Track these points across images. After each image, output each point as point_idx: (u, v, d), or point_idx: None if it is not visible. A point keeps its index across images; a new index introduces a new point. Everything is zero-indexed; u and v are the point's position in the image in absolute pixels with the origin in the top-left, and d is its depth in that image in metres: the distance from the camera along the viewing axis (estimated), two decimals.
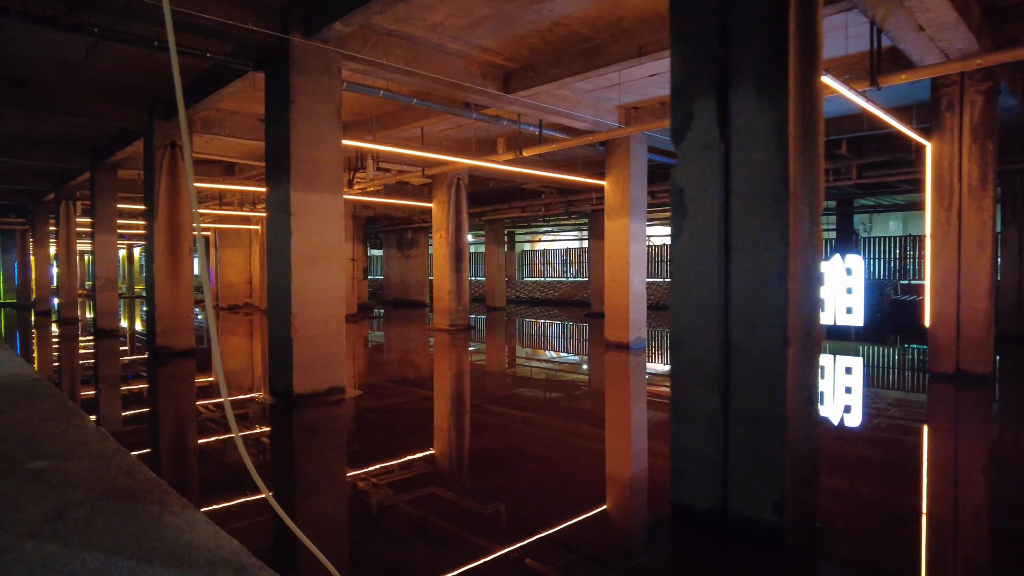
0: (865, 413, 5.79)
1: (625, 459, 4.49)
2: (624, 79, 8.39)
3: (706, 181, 3.05)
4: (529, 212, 17.94)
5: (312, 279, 6.04)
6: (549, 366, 9.20)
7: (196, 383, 7.56)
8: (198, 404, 6.33)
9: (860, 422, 5.41)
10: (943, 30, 5.67)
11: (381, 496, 3.55)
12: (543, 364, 9.37)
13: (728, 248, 2.98)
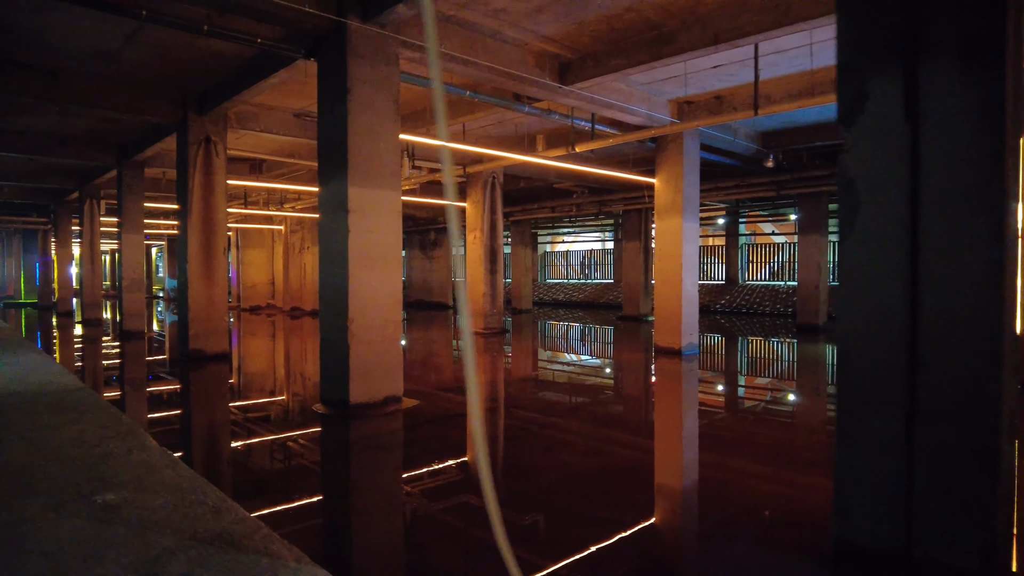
0: None
1: (753, 484, 4.03)
2: (684, 71, 7.94)
3: (886, 171, 2.60)
4: (559, 212, 17.50)
5: (370, 281, 5.63)
6: (604, 374, 8.76)
7: (240, 392, 7.17)
8: (250, 415, 5.93)
9: None
10: None
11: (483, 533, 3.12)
12: (597, 372, 8.93)
13: (916, 249, 2.53)
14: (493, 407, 6.03)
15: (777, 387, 7.64)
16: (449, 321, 16.90)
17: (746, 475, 4.10)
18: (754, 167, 12.50)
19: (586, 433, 5.20)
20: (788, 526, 3.26)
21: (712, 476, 4.13)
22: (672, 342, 9.47)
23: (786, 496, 3.72)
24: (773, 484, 3.92)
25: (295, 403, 6.41)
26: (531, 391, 7.18)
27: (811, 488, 3.85)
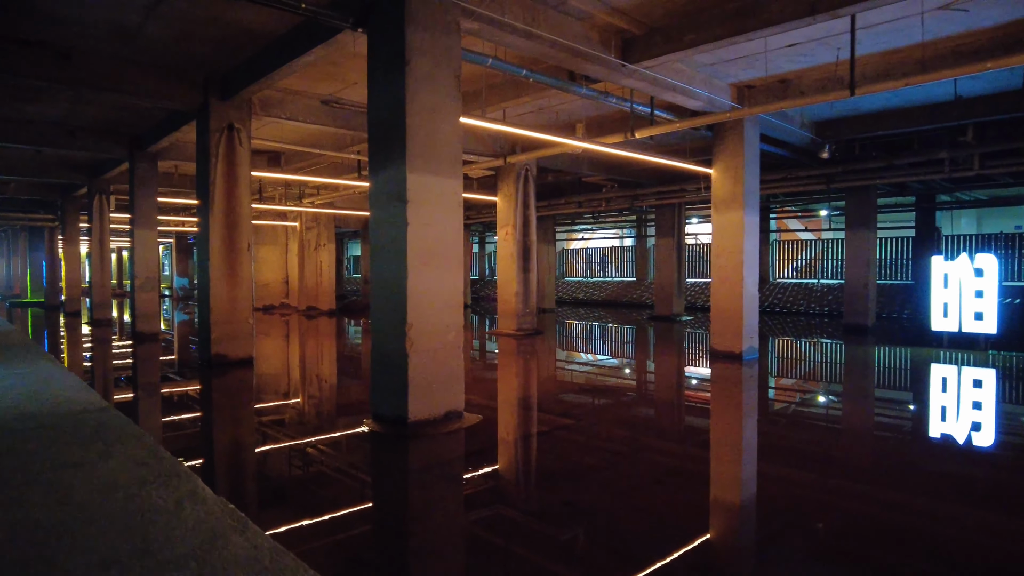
0: None
1: (943, 531, 3.31)
2: (755, 51, 7.22)
3: None
4: (587, 208, 16.77)
5: (430, 281, 4.93)
6: (669, 383, 8.06)
7: (275, 406, 6.49)
8: (294, 437, 5.24)
9: None
10: None
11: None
12: (662, 381, 8.22)
13: None
14: (567, 425, 5.32)
15: (880, 400, 6.93)
16: (470, 319, 16.22)
17: (925, 516, 3.39)
18: (804, 158, 11.76)
19: (693, 457, 4.50)
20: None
21: (900, 521, 3.42)
22: (732, 346, 8.75)
23: (990, 547, 3.01)
24: (968, 529, 3.21)
25: (340, 419, 5.71)
26: (599, 404, 6.47)
27: (1008, 534, 3.14)
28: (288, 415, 5.82)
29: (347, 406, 6.29)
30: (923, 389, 7.22)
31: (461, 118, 5.21)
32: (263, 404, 6.32)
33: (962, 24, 6.43)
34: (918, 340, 11.42)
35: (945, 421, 5.62)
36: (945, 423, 5.55)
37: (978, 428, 5.20)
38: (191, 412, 6.00)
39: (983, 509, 3.47)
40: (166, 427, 5.24)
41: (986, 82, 8.32)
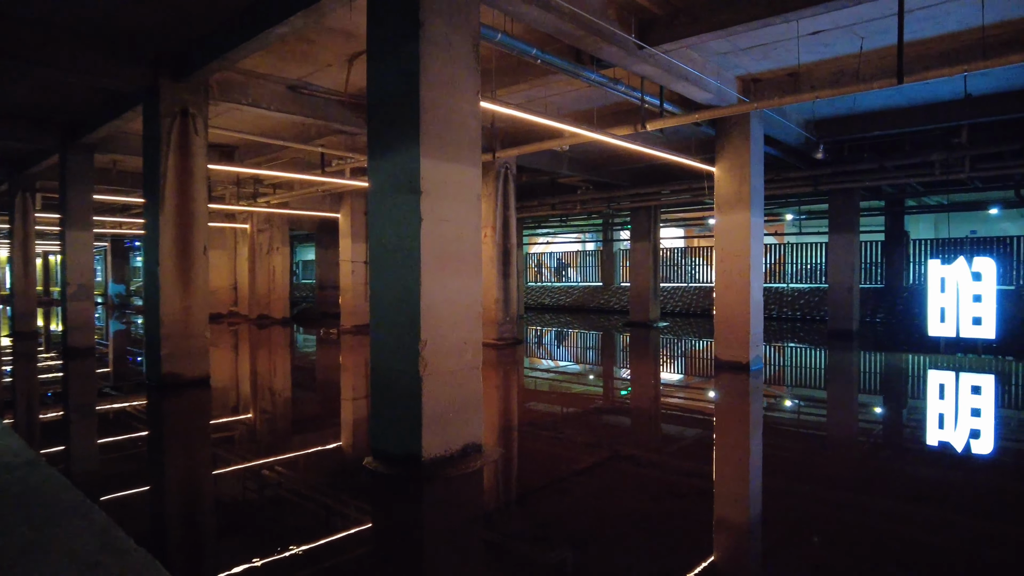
0: None
1: None
2: (777, 38, 6.66)
3: None
4: (560, 210, 16.12)
5: (447, 289, 4.09)
6: (681, 398, 7.40)
7: (247, 438, 5.50)
8: (280, 483, 4.29)
9: None
10: None
11: None
12: (682, 396, 7.56)
13: None
14: (608, 458, 4.55)
15: (902, 409, 6.43)
16: None
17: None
18: (794, 159, 11.40)
19: (733, 477, 3.81)
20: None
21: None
22: (738, 355, 8.17)
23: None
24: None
25: (333, 457, 4.79)
26: (627, 426, 5.74)
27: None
28: (266, 449, 4.86)
29: (341, 438, 5.35)
30: (950, 399, 6.77)
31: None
32: (233, 439, 5.32)
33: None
34: (914, 346, 11.17)
35: (991, 433, 5.13)
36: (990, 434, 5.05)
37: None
38: (148, 455, 4.96)
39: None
40: (119, 481, 4.21)
41: (995, 80, 8.03)
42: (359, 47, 6.79)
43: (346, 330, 14.33)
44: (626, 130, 7.40)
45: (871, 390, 7.91)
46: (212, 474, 4.33)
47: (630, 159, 12.91)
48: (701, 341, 12.67)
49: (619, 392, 7.56)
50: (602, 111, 9.38)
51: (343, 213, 15.28)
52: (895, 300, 16.13)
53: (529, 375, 8.59)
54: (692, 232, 27.65)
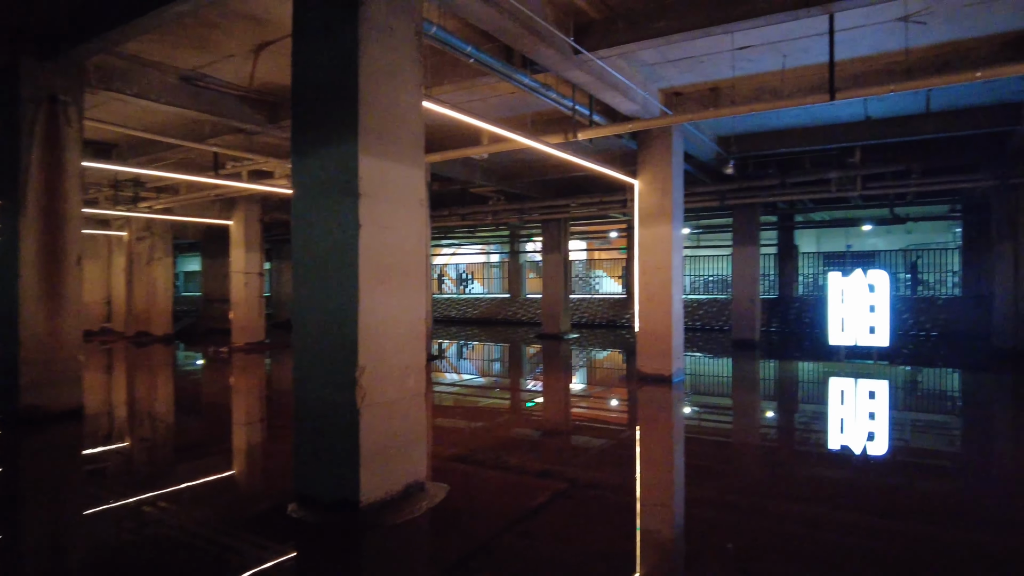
0: None
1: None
2: (707, 50, 6.67)
3: None
4: (471, 220, 15.75)
5: (389, 306, 3.59)
6: (620, 413, 7.19)
7: (133, 482, 4.66)
8: (183, 542, 3.57)
9: None
10: None
11: None
12: (614, 411, 7.33)
13: None
14: (564, 491, 4.18)
15: (838, 419, 6.54)
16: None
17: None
18: (703, 175, 11.71)
19: (698, 500, 3.58)
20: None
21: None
22: (661, 367, 8.12)
23: None
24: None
25: (246, 505, 4.10)
26: (578, 449, 5.40)
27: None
28: (162, 505, 4.09)
29: (251, 483, 4.65)
30: (867, 405, 7.01)
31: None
32: (112, 486, 4.48)
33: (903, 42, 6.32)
34: (815, 354, 11.71)
35: (907, 435, 5.29)
36: (907, 437, 5.20)
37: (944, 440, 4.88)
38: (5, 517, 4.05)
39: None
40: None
41: (890, 104, 8.54)
42: (269, 35, 6.10)
43: (238, 348, 13.16)
44: (558, 138, 7.16)
45: (798, 399, 8.07)
46: (84, 534, 3.55)
47: (543, 171, 12.79)
48: (617, 353, 12.71)
49: (553, 410, 7.25)
50: (523, 119, 9.13)
51: (235, 220, 14.09)
52: (788, 310, 17.05)
53: (455, 394, 8.12)
54: (593, 245, 28.24)
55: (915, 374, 9.71)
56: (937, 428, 6.29)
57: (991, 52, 6.29)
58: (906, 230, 20.62)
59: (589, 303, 20.39)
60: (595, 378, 9.92)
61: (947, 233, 20.99)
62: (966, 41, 6.29)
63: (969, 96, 8.14)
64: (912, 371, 9.90)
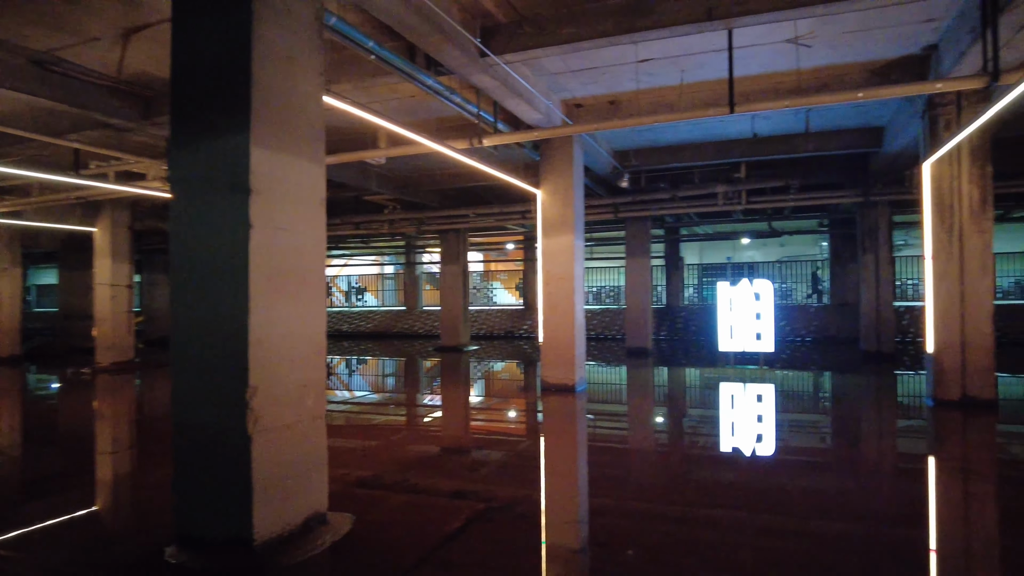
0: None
1: None
2: (611, 61, 6.73)
3: None
4: (365, 229, 15.15)
5: (284, 318, 3.20)
6: (528, 425, 7.01)
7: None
8: None
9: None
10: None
11: None
12: (516, 422, 7.13)
13: None
14: (482, 512, 3.92)
15: (729, 421, 6.70)
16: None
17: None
18: (599, 187, 11.93)
19: (616, 511, 3.47)
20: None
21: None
22: (565, 377, 8.09)
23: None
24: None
25: (116, 548, 3.51)
26: (489, 463, 5.14)
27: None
28: (9, 548, 3.42)
29: (122, 522, 4.02)
30: (761, 408, 7.29)
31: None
32: None
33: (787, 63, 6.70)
34: (706, 360, 12.17)
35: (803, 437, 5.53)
36: (803, 438, 5.44)
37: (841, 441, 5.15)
38: None
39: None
40: None
41: (774, 123, 9.07)
42: (141, 18, 5.47)
43: (103, 368, 11.81)
44: (463, 143, 6.94)
45: (697, 404, 8.26)
46: None
47: (443, 180, 12.56)
48: (520, 364, 12.63)
49: (461, 426, 6.98)
50: (425, 125, 8.85)
51: (101, 227, 12.68)
52: (675, 319, 17.78)
53: (355, 414, 7.64)
54: (490, 256, 28.26)
55: (797, 377, 10.33)
56: (817, 427, 6.66)
57: (863, 77, 6.80)
58: (780, 243, 22.21)
59: (487, 314, 20.28)
60: (501, 390, 9.75)
61: (815, 246, 22.82)
62: (843, 66, 6.76)
63: (842, 119, 8.81)
64: (794, 374, 10.53)
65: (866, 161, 10.87)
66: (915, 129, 7.50)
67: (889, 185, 10.81)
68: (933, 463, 5.07)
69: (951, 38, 5.83)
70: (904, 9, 5.44)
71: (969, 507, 4.04)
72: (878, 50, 6.43)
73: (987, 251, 6.64)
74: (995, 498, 4.20)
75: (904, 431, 6.46)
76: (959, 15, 5.55)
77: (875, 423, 6.96)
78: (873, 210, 11.46)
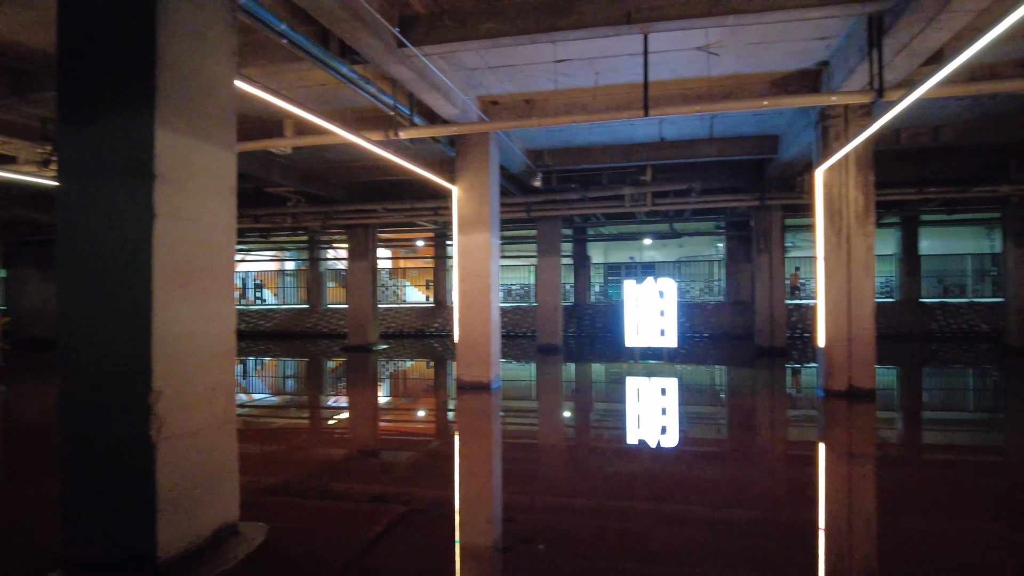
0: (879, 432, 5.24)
1: None
2: (522, 60, 6.75)
3: None
4: (267, 223, 14.42)
5: (192, 315, 2.96)
6: (446, 423, 6.89)
7: None
8: None
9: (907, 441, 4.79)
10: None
11: None
12: (434, 421, 6.98)
13: None
14: (404, 515, 3.79)
15: (641, 414, 6.90)
16: None
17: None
18: (513, 186, 11.98)
19: (549, 508, 3.50)
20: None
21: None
22: (480, 375, 8.06)
23: None
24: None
25: None
26: (392, 464, 4.98)
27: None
28: None
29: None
30: (666, 401, 7.57)
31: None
32: None
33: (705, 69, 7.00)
34: (615, 356, 12.51)
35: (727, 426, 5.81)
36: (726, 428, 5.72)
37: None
38: None
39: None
40: None
41: (679, 128, 9.45)
42: None
43: None
44: (378, 135, 6.73)
45: (608, 399, 8.44)
46: None
47: (351, 173, 12.18)
48: (433, 363, 12.47)
49: (377, 427, 6.77)
50: (333, 114, 8.51)
51: None
52: (583, 316, 18.20)
53: (258, 417, 7.23)
54: (398, 253, 27.77)
55: (698, 371, 10.83)
56: (719, 419, 7.00)
57: (765, 87, 7.20)
58: (679, 244, 23.24)
59: (397, 312, 19.92)
60: (415, 390, 9.57)
61: (711, 247, 24.06)
62: (748, 76, 7.13)
63: (743, 126, 9.31)
64: (695, 369, 11.03)
65: (762, 167, 11.56)
66: (808, 138, 8.03)
67: (783, 190, 11.56)
68: (824, 449, 5.45)
69: (841, 56, 6.29)
70: (802, 26, 5.80)
71: (854, 487, 4.37)
72: (778, 63, 6.84)
73: (870, 253, 7.22)
74: (876, 478, 4.57)
75: (799, 420, 6.91)
76: (848, 35, 5.99)
77: (772, 413, 7.40)
78: (768, 213, 12.21)
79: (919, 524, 3.54)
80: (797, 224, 16.46)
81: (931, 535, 3.39)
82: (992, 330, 14.64)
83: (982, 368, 10.63)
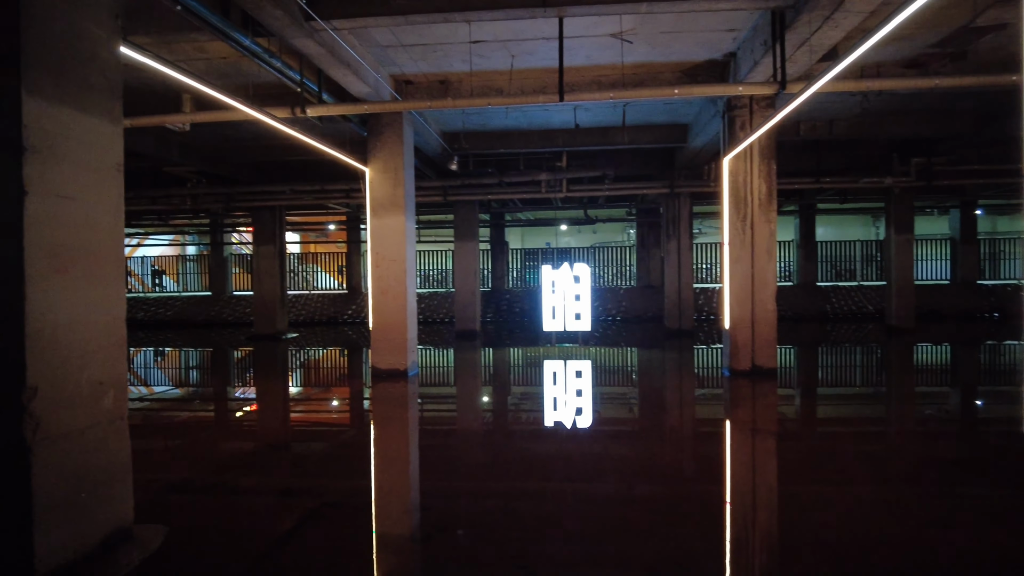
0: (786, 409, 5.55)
1: None
2: (436, 39, 6.60)
3: None
4: (165, 205, 13.49)
5: (72, 303, 2.69)
6: (361, 413, 6.68)
7: None
8: None
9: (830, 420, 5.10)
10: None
11: None
12: (348, 410, 6.75)
13: None
14: (308, 509, 3.63)
15: (560, 396, 6.97)
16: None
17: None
18: (430, 169, 11.78)
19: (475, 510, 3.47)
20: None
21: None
22: (396, 363, 7.90)
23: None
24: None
25: None
26: (304, 458, 4.78)
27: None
28: None
29: None
30: (580, 383, 7.71)
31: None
32: None
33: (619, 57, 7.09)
34: (532, 340, 12.62)
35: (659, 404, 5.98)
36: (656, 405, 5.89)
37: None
38: None
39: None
40: None
41: (594, 115, 9.57)
42: None
43: None
44: (284, 112, 6.39)
45: (525, 382, 8.49)
46: None
47: (256, 152, 11.58)
48: (346, 351, 12.14)
49: (287, 418, 6.49)
50: (235, 90, 8.01)
51: None
52: (500, 301, 18.25)
53: (157, 411, 6.77)
54: (308, 237, 26.79)
55: (612, 353, 11.12)
56: (631, 398, 7.22)
57: (676, 76, 7.39)
58: (592, 230, 23.73)
59: (308, 299, 19.25)
60: (327, 379, 9.28)
61: (622, 234, 24.70)
62: (659, 64, 7.29)
63: (654, 114, 9.54)
64: (609, 351, 11.31)
65: (673, 155, 11.92)
66: (715, 128, 8.33)
67: (691, 178, 11.97)
68: (730, 425, 5.71)
69: (748, 48, 6.54)
70: (711, 16, 5.97)
71: (757, 460, 4.61)
72: (688, 52, 7.03)
73: (772, 239, 7.59)
74: (777, 451, 4.84)
75: (707, 398, 7.22)
76: (755, 28, 6.23)
77: (681, 393, 7.70)
78: (677, 200, 12.63)
79: (815, 491, 3.77)
80: (704, 211, 17.14)
81: (826, 501, 3.62)
82: (876, 311, 15.86)
83: (868, 346, 11.51)
